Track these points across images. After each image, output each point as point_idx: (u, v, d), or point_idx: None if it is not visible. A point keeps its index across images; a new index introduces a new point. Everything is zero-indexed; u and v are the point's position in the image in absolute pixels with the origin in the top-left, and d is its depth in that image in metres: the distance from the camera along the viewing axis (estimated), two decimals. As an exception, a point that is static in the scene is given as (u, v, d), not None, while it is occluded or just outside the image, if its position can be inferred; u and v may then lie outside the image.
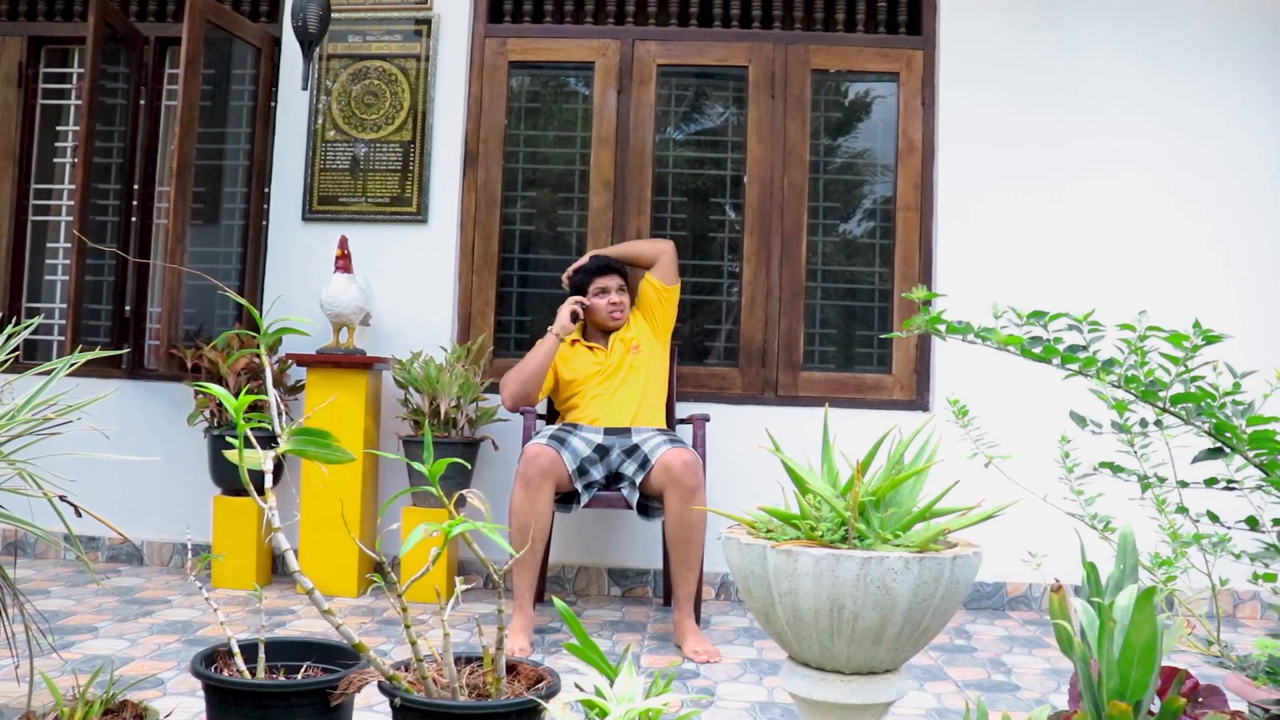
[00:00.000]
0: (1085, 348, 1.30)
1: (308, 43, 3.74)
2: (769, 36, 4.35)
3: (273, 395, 1.90)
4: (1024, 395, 3.87)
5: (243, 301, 1.89)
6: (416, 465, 1.68)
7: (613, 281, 3.78)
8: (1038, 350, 1.29)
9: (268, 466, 1.75)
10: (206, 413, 4.00)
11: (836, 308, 4.32)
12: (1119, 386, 1.30)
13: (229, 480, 3.94)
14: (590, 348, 3.77)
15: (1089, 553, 1.70)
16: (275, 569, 4.17)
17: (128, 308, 4.49)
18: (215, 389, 1.73)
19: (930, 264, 4.21)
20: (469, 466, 3.83)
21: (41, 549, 4.34)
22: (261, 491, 1.72)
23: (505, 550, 1.53)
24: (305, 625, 3.31)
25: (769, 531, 2.01)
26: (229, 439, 3.67)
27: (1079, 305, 4.01)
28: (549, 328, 3.65)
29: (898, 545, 1.87)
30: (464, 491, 1.78)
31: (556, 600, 1.24)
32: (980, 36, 4.22)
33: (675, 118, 4.46)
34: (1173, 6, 4.19)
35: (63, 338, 4.41)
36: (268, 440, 1.76)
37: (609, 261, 3.83)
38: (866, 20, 4.39)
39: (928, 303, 1.51)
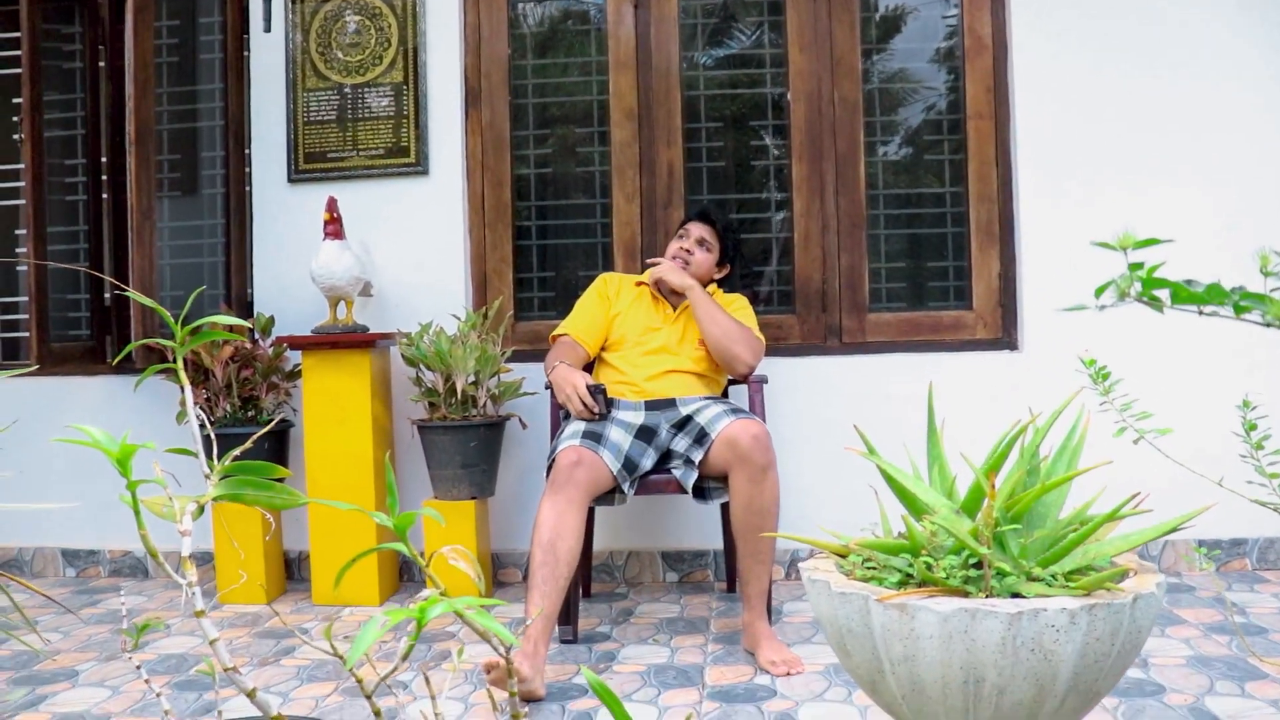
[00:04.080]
0: None
1: (267, -27, 3.20)
2: (805, -73, 3.73)
3: (193, 416, 1.41)
4: (1137, 328, 3.30)
5: (143, 300, 1.41)
6: (389, 520, 1.18)
7: (696, 230, 3.23)
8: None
9: (185, 525, 1.26)
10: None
11: (903, 237, 3.75)
12: None
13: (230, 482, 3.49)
14: (655, 297, 3.24)
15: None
16: (291, 575, 3.75)
17: (107, 295, 4.03)
18: (91, 431, 1.25)
19: (1010, 181, 3.61)
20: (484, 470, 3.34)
21: (40, 565, 3.95)
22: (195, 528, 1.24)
23: (505, 638, 1.04)
24: (314, 655, 2.87)
25: (867, 564, 1.50)
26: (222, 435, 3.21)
27: (1200, 228, 3.38)
28: (552, 373, 3.01)
29: (1051, 584, 1.35)
30: (445, 550, 1.28)
31: (587, 673, 0.81)
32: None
33: (703, 32, 3.87)
34: None
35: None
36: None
37: (709, 211, 3.28)
38: (918, -102, 3.76)
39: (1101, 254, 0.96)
